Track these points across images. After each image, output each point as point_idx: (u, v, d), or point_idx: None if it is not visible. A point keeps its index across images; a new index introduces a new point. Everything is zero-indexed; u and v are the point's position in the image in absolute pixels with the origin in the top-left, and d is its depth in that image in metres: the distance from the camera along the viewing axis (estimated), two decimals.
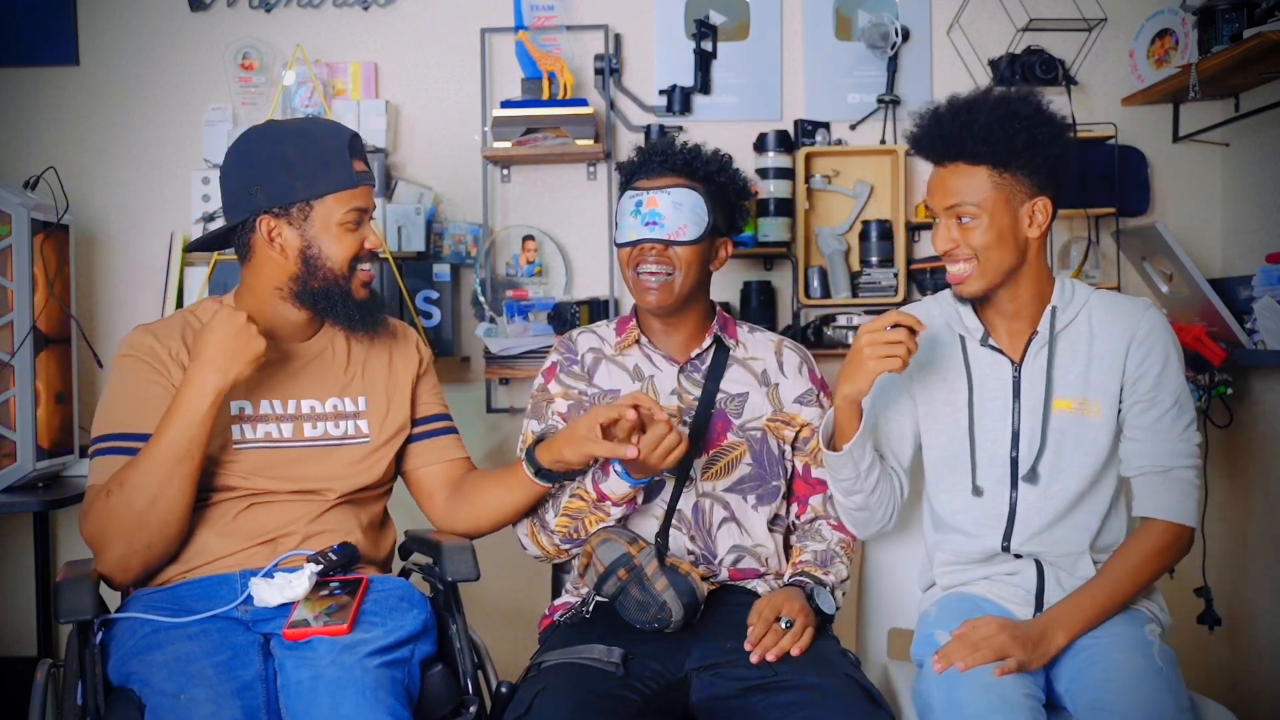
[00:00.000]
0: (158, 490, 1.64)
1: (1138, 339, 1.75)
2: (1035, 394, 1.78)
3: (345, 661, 1.55)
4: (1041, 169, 1.72)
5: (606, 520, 1.82)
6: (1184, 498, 1.74)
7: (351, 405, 1.86)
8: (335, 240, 1.78)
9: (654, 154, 1.94)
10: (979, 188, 1.71)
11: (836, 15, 2.78)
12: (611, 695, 1.62)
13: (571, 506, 1.84)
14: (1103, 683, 1.61)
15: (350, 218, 1.78)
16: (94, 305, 2.82)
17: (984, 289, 1.75)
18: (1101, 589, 1.72)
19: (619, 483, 1.78)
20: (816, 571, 1.84)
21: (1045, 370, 1.78)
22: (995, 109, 1.71)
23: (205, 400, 1.66)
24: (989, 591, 1.81)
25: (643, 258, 1.88)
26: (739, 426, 1.91)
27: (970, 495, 1.80)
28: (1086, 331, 1.78)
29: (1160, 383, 1.74)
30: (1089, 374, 1.76)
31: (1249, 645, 2.68)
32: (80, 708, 1.56)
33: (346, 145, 1.78)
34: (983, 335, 1.82)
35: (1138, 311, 1.78)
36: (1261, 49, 2.22)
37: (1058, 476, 1.77)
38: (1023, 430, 1.78)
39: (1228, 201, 2.75)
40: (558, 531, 1.86)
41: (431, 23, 2.80)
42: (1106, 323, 1.77)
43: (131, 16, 2.80)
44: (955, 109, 1.74)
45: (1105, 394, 1.76)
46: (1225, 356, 2.49)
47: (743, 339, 1.99)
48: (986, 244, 1.72)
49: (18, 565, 2.78)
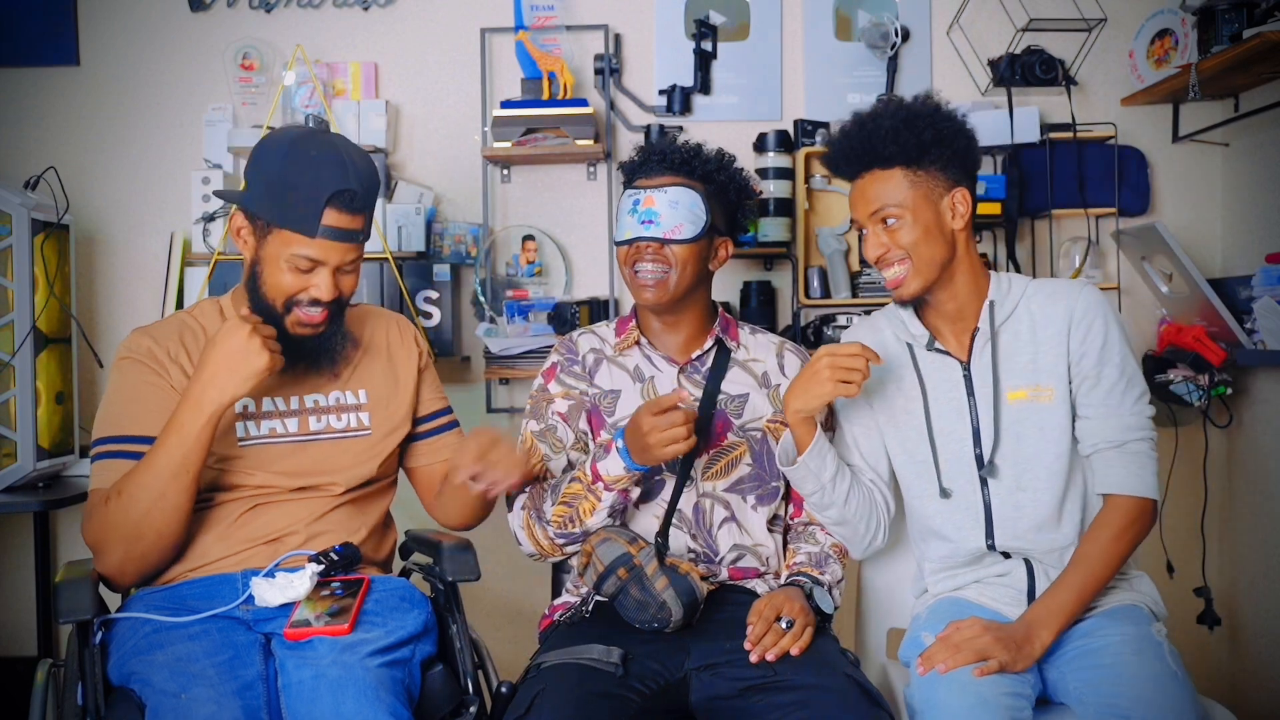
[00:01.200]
0: (152, 502, 1.64)
1: (1075, 318, 1.77)
2: (986, 389, 1.80)
3: (346, 661, 1.55)
4: (953, 161, 1.77)
5: (598, 505, 1.80)
6: (1141, 470, 1.75)
7: (353, 398, 1.87)
8: (279, 273, 1.73)
9: (653, 153, 1.95)
10: (897, 188, 1.76)
11: (836, 15, 2.78)
12: (611, 695, 1.62)
13: (569, 491, 1.82)
14: (1115, 684, 1.61)
15: (298, 263, 1.72)
16: (94, 305, 2.82)
17: (922, 287, 1.78)
18: (1077, 578, 1.72)
19: (615, 462, 1.76)
20: (813, 571, 1.84)
21: (991, 364, 1.80)
22: (897, 113, 1.76)
23: (202, 415, 1.64)
24: (980, 595, 1.81)
25: (639, 256, 1.89)
26: (739, 427, 1.91)
27: (940, 498, 1.82)
28: (1028, 320, 1.80)
29: (1104, 358, 1.76)
30: (1037, 360, 1.79)
31: (1249, 645, 2.68)
32: (80, 708, 1.56)
33: (327, 196, 1.69)
34: (928, 340, 1.85)
35: (1074, 291, 1.80)
36: (1261, 49, 2.22)
37: (1027, 468, 1.77)
38: (981, 426, 1.80)
39: (1228, 201, 2.76)
40: (553, 522, 1.83)
41: (431, 23, 2.80)
42: (1045, 308, 1.80)
43: (131, 16, 2.80)
44: (860, 121, 1.79)
45: (1054, 377, 1.78)
46: (1225, 356, 2.49)
47: (744, 341, 1.99)
48: (915, 240, 1.75)
49: (18, 565, 2.79)
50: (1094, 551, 1.73)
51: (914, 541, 1.92)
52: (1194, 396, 2.54)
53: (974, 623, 1.68)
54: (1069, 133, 2.65)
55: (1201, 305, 2.52)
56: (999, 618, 1.76)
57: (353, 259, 1.76)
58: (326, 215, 1.69)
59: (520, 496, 1.90)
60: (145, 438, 1.71)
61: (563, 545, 1.86)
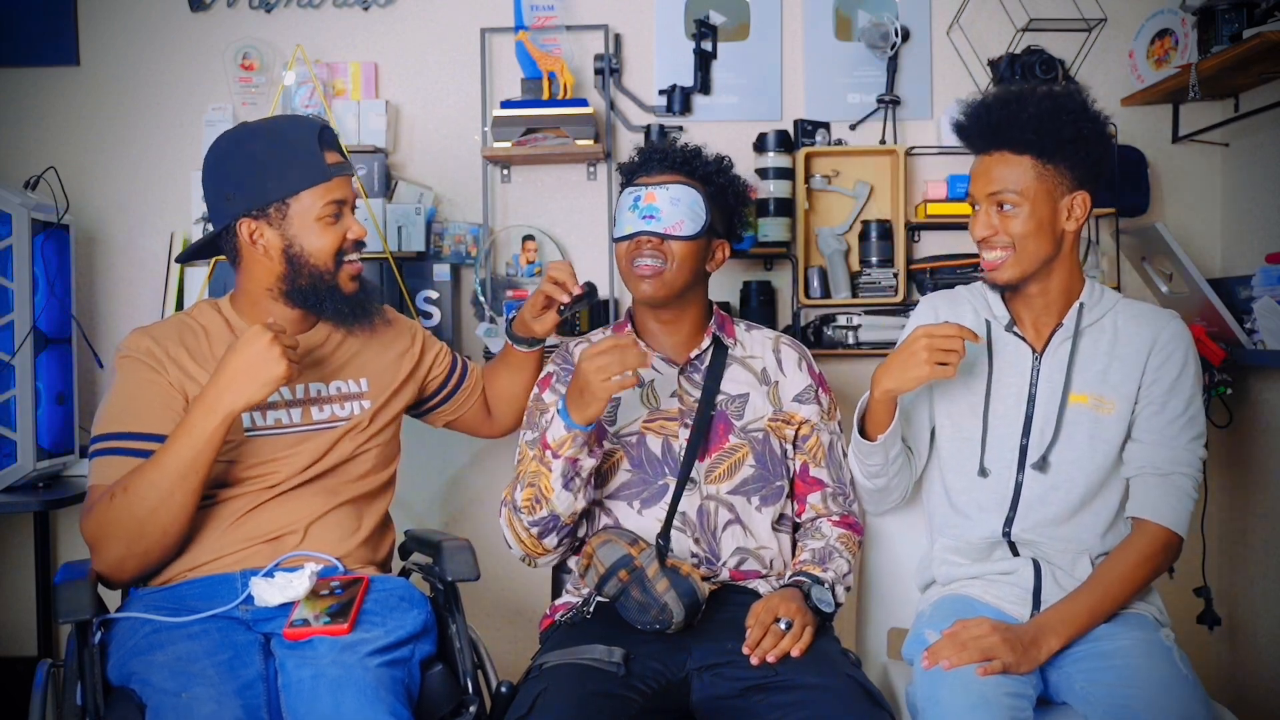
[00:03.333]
0: (159, 501, 1.65)
1: (1159, 344, 1.78)
2: (1053, 384, 1.80)
3: (346, 661, 1.55)
4: (1084, 163, 1.76)
5: (549, 475, 1.76)
6: (1178, 505, 1.75)
7: (355, 386, 1.89)
8: (316, 236, 1.78)
9: (654, 153, 1.96)
10: (1022, 176, 1.74)
11: (836, 15, 2.78)
12: (612, 695, 1.62)
13: (527, 469, 1.82)
14: (1125, 686, 1.61)
15: (328, 210, 1.78)
16: (94, 305, 2.82)
17: (1017, 277, 1.78)
18: (1093, 594, 1.72)
19: (557, 425, 1.75)
20: (814, 570, 1.84)
21: (1066, 362, 1.80)
22: (1044, 101, 1.74)
23: (214, 418, 1.65)
24: (985, 592, 1.81)
25: (638, 250, 1.89)
26: (740, 428, 1.91)
27: (977, 475, 1.82)
28: (1111, 332, 1.81)
29: (1174, 390, 1.77)
30: (1108, 373, 1.79)
31: (1249, 645, 2.68)
32: (80, 708, 1.56)
33: (316, 138, 1.77)
34: (1009, 322, 1.86)
35: (1163, 318, 1.82)
36: (1261, 49, 2.22)
37: (1066, 470, 1.78)
38: (1035, 418, 1.80)
39: (1228, 201, 2.75)
40: (523, 508, 1.81)
41: (431, 23, 2.80)
42: (1131, 326, 1.81)
43: (131, 16, 2.80)
44: (1004, 99, 1.77)
45: (1121, 394, 1.78)
46: (1225, 356, 2.49)
47: (740, 337, 1.99)
48: (1025, 233, 1.74)
49: (18, 565, 2.78)
50: (1115, 573, 1.73)
51: (931, 517, 1.92)
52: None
53: (982, 622, 1.68)
54: None
55: (1201, 305, 2.52)
56: (1004, 617, 1.76)
57: (356, 195, 1.87)
58: (327, 155, 1.78)
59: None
60: (145, 434, 1.71)
61: (539, 535, 1.83)
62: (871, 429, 1.82)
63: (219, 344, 1.82)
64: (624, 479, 1.89)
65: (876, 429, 1.81)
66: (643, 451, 1.90)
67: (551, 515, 1.80)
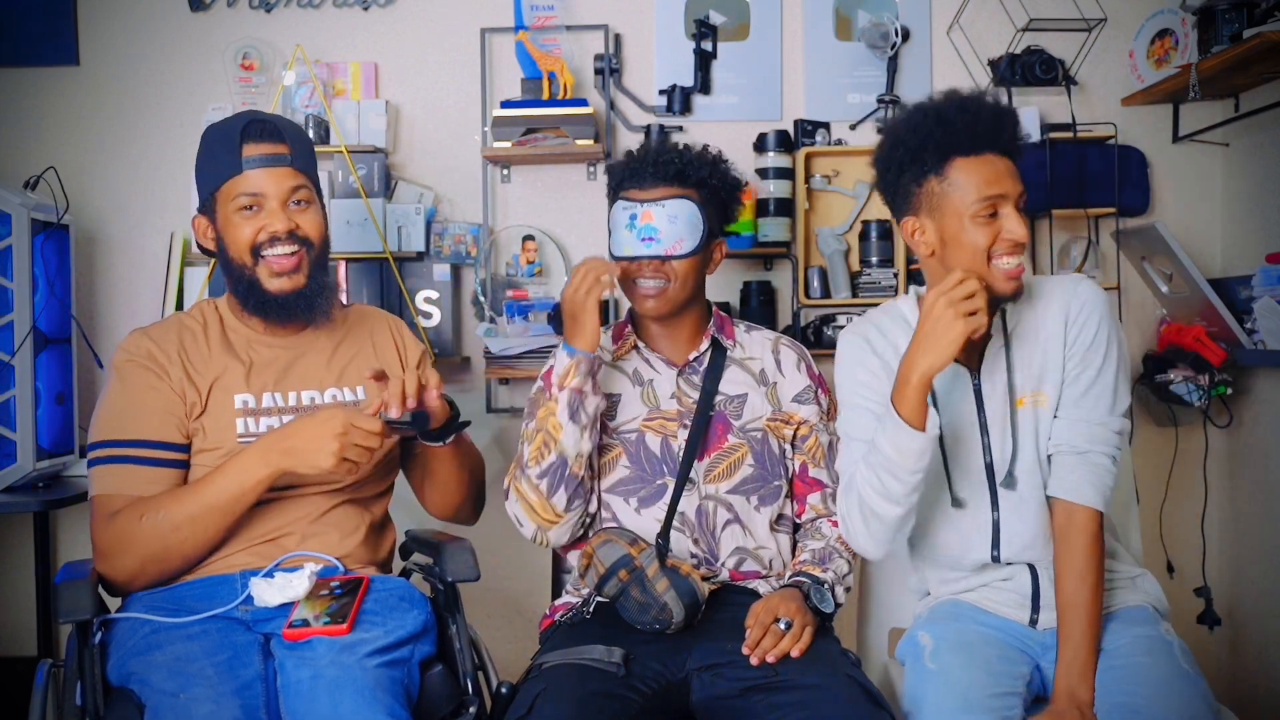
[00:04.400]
0: (191, 532, 1.67)
1: (1073, 314, 1.70)
2: (998, 397, 1.73)
3: (345, 661, 1.55)
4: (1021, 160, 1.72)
5: (555, 409, 1.80)
6: (1098, 482, 1.68)
7: (350, 395, 1.87)
8: (235, 229, 1.78)
9: (645, 162, 1.91)
10: (1018, 178, 1.67)
11: (836, 15, 2.78)
12: (612, 695, 1.62)
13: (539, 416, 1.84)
14: (1128, 684, 1.60)
15: (241, 203, 1.77)
16: (94, 305, 2.82)
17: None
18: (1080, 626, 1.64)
19: (560, 359, 1.82)
20: (814, 570, 1.84)
21: (1005, 371, 1.73)
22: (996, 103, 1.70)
23: (266, 470, 1.67)
24: (984, 599, 1.80)
25: (640, 271, 1.88)
26: (739, 428, 1.91)
27: (951, 507, 1.76)
28: (1032, 325, 1.73)
29: (1086, 360, 1.69)
30: (1043, 365, 1.72)
31: (1249, 645, 2.68)
32: (80, 708, 1.56)
33: (239, 131, 1.76)
34: None
35: (1070, 285, 1.72)
36: (1261, 49, 2.22)
37: (1028, 479, 1.73)
38: (993, 436, 1.73)
39: (1228, 201, 2.75)
40: (531, 461, 1.82)
41: (431, 23, 2.80)
42: (1047, 306, 1.72)
43: (131, 16, 2.80)
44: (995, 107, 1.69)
45: (1052, 381, 1.71)
46: (1225, 356, 2.49)
47: (740, 339, 1.99)
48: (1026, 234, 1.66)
49: (18, 565, 2.78)
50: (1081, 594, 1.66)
51: (916, 556, 1.88)
52: (1194, 396, 2.54)
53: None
54: (1069, 133, 2.65)
55: (1201, 305, 2.52)
56: (1003, 622, 1.76)
57: (296, 187, 1.79)
58: (245, 149, 1.76)
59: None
60: (146, 441, 1.71)
61: (548, 493, 1.82)
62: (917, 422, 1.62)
63: (216, 344, 1.82)
64: (622, 475, 1.90)
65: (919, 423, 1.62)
66: (641, 449, 1.90)
67: (560, 459, 1.81)
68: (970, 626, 1.75)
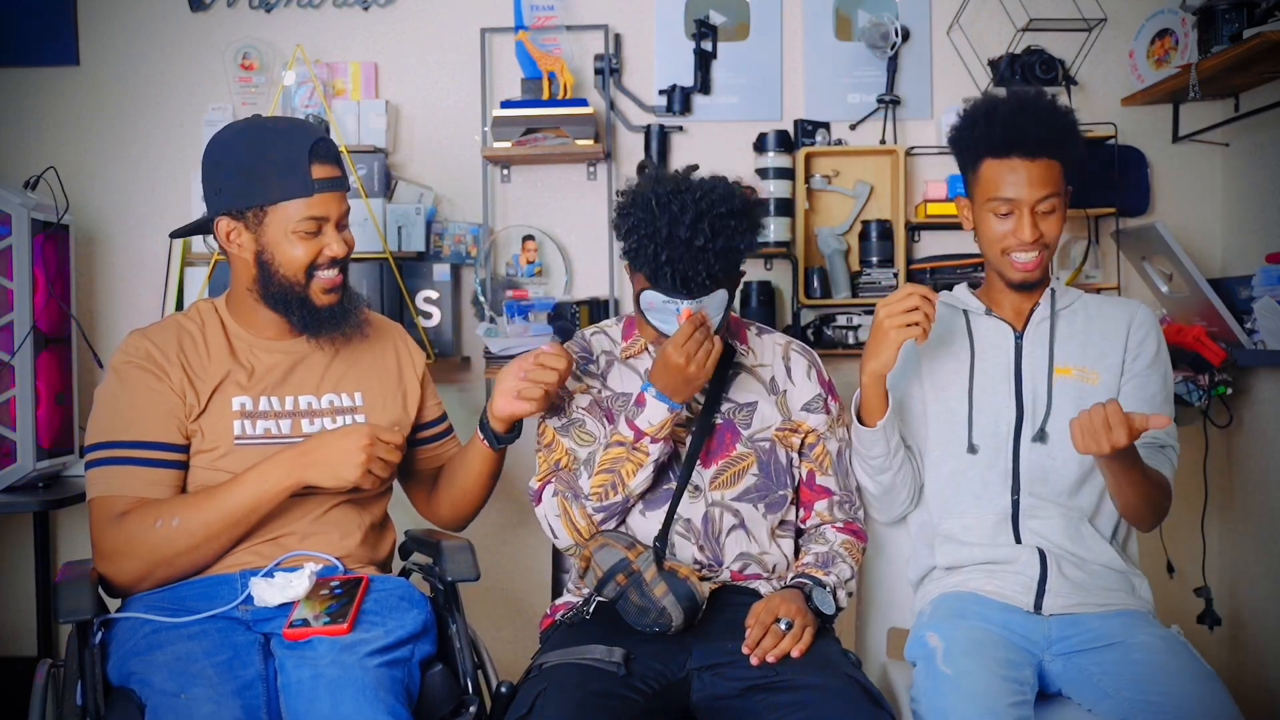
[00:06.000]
0: (203, 540, 1.68)
1: (1136, 322, 1.89)
2: (1037, 359, 1.88)
3: (345, 661, 1.55)
4: (1073, 160, 1.85)
5: (644, 461, 1.78)
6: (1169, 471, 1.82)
7: (348, 400, 1.86)
8: (290, 247, 1.75)
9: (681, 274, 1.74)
10: (1058, 180, 1.82)
11: (836, 15, 2.78)
12: (613, 695, 1.62)
13: (608, 457, 1.79)
14: (1151, 681, 1.63)
15: (306, 226, 1.74)
16: (94, 305, 2.82)
17: (1042, 274, 1.87)
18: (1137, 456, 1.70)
19: (655, 409, 1.75)
20: (816, 573, 1.84)
21: (1048, 338, 1.88)
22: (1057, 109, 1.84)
23: (288, 481, 1.69)
24: (988, 584, 1.81)
25: None
26: (748, 438, 1.89)
27: (965, 453, 1.86)
28: (1083, 315, 1.91)
29: (1155, 365, 1.86)
30: (1087, 347, 1.87)
31: (1249, 645, 2.68)
32: (80, 708, 1.56)
33: (308, 149, 1.72)
34: (985, 310, 1.93)
35: (1133, 305, 1.92)
36: (1261, 49, 2.22)
37: (1061, 439, 1.80)
38: (1025, 393, 1.86)
39: (1228, 201, 2.75)
40: (593, 495, 1.80)
41: (431, 23, 2.80)
42: (1104, 309, 1.92)
43: (131, 16, 2.80)
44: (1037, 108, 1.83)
45: (1104, 365, 1.87)
46: (1225, 356, 2.49)
47: (752, 344, 1.97)
48: (1057, 234, 1.85)
49: (18, 565, 2.78)
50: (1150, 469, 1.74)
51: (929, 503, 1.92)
52: (1194, 396, 2.54)
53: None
54: None
55: (1201, 305, 2.52)
56: (1007, 608, 1.78)
57: (347, 210, 1.81)
58: (315, 170, 1.73)
59: (550, 485, 1.88)
60: (146, 443, 1.71)
61: (602, 522, 1.84)
62: (868, 417, 1.85)
63: (215, 344, 1.81)
64: None
65: (873, 416, 1.84)
66: None
67: (624, 498, 1.81)
68: (977, 625, 1.76)
